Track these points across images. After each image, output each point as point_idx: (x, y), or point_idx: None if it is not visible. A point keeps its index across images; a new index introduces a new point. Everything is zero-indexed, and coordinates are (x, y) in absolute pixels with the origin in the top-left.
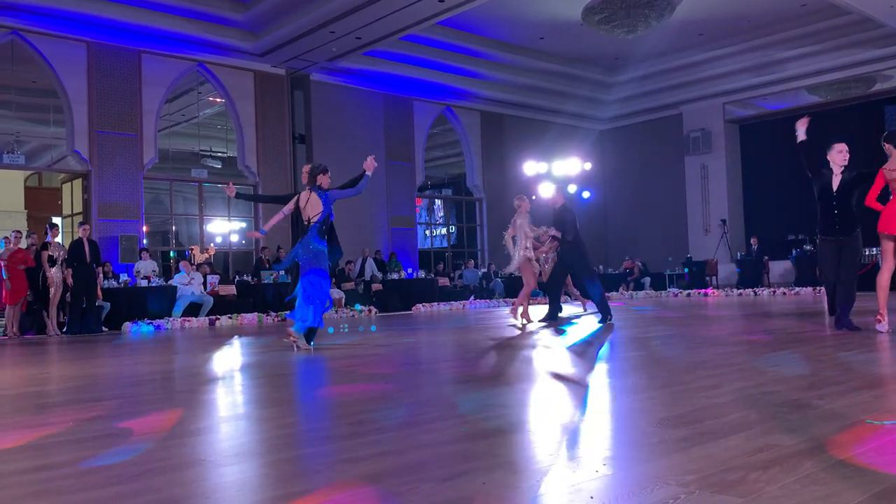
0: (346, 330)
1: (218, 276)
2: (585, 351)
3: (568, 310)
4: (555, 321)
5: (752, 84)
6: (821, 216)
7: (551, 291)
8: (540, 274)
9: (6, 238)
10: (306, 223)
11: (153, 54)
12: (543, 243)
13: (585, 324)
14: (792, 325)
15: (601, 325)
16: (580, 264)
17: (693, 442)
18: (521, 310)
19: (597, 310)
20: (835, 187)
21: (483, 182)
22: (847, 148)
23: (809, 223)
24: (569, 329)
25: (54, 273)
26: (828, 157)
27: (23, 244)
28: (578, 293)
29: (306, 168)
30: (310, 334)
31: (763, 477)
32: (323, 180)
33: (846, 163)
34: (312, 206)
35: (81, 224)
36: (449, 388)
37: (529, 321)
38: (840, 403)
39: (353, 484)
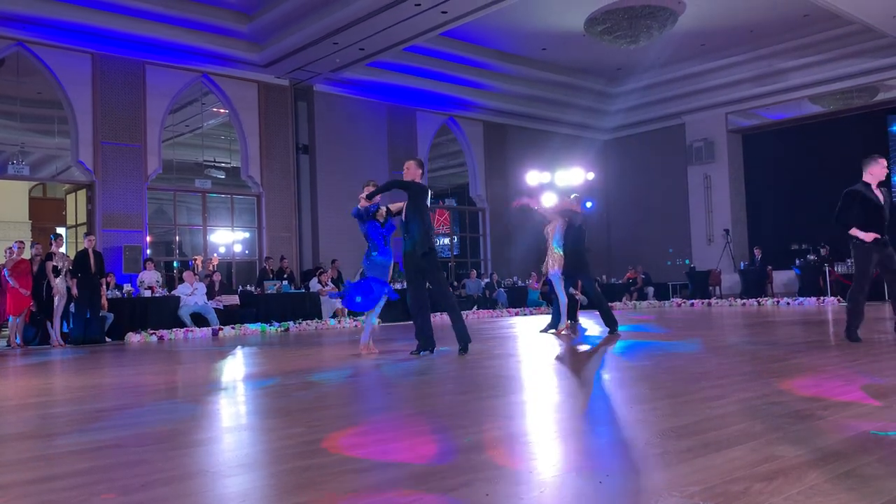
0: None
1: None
2: (588, 362)
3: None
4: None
5: (754, 94)
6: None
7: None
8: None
9: (9, 249)
10: None
11: (157, 65)
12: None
13: (589, 333)
14: (796, 335)
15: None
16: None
17: (697, 453)
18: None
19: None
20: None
21: (486, 192)
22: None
23: (813, 233)
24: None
25: (59, 283)
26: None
27: (26, 254)
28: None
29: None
30: None
31: (767, 488)
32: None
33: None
34: None
35: (86, 235)
36: (451, 399)
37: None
38: (844, 414)
39: (357, 494)
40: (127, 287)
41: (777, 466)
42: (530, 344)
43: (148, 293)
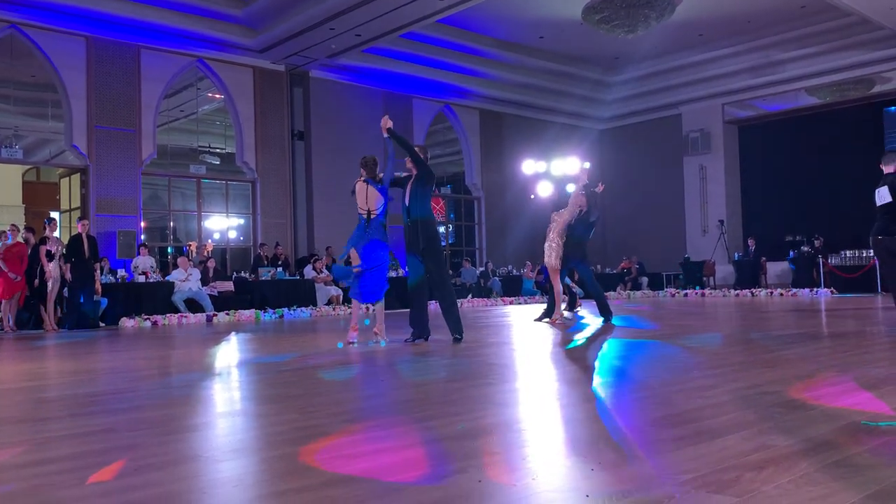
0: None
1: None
2: (582, 350)
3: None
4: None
5: (751, 85)
6: None
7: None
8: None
9: (3, 232)
10: (367, 216)
11: (152, 50)
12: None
13: (583, 323)
14: (789, 325)
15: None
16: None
17: (689, 441)
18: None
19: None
20: None
21: (482, 181)
22: None
23: (807, 224)
24: (573, 329)
25: (52, 268)
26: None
27: (20, 238)
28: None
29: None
30: None
31: (759, 477)
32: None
33: None
34: (373, 200)
35: (80, 219)
36: (445, 386)
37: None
38: (836, 404)
39: (350, 481)
40: (121, 272)
41: (769, 455)
42: (525, 333)
43: (142, 278)
